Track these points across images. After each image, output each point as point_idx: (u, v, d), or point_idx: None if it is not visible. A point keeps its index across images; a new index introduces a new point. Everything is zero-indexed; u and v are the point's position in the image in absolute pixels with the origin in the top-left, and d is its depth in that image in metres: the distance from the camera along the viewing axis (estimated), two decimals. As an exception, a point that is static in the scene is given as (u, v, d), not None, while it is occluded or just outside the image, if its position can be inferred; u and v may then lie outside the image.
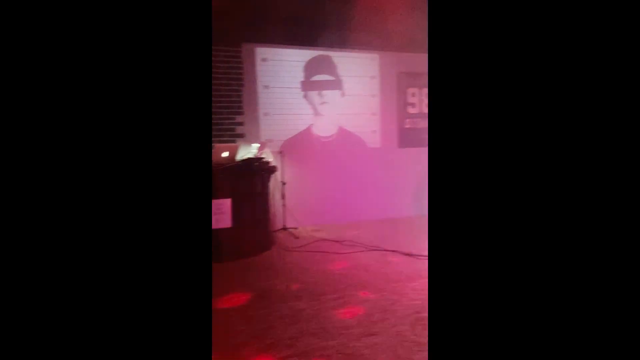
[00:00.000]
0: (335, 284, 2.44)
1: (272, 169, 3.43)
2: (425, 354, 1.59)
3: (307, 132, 4.22)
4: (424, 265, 2.75)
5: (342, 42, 4.12)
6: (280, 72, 4.05)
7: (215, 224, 2.89)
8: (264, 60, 3.99)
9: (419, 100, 4.65)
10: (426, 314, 1.95)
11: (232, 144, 3.54)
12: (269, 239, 3.40)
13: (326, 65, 4.24)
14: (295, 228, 3.96)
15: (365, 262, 2.87)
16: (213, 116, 3.70)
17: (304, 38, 4.01)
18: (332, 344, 1.69)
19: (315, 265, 2.83)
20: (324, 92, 4.24)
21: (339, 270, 2.72)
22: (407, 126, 4.61)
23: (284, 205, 3.95)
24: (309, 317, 1.98)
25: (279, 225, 3.95)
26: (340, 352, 1.63)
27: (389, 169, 4.53)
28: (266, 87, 4.01)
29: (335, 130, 4.33)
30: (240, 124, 3.88)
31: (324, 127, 4.29)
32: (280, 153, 3.97)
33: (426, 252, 3.03)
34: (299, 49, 4.10)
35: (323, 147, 4.29)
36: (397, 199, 4.60)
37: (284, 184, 3.93)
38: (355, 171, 4.41)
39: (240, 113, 3.89)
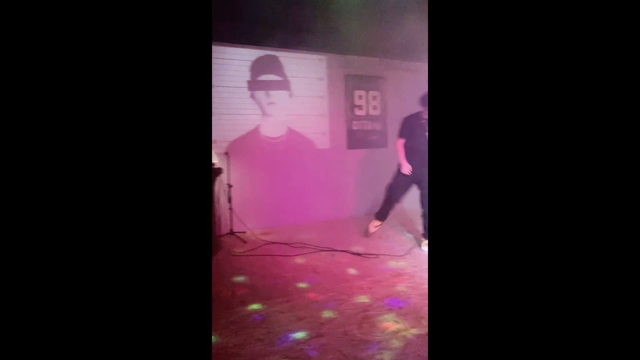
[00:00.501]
0: (284, 287, 2.39)
1: (218, 171, 3.29)
2: (371, 351, 1.60)
3: (255, 132, 4.13)
4: (371, 264, 2.80)
5: (289, 43, 4.09)
6: (225, 71, 3.91)
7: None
8: (208, 58, 3.83)
9: (366, 103, 4.75)
10: (372, 312, 1.97)
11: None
12: (215, 244, 3.26)
13: (273, 65, 4.18)
14: (243, 232, 3.85)
15: (314, 264, 2.85)
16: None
17: (250, 37, 3.92)
18: (279, 349, 1.64)
19: (263, 270, 2.76)
20: (272, 92, 4.18)
21: (287, 273, 2.67)
22: (355, 128, 4.69)
23: (230, 208, 3.81)
24: (256, 323, 1.91)
25: (225, 229, 3.80)
26: (287, 356, 1.58)
27: (338, 170, 4.57)
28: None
29: (284, 131, 4.29)
30: (183, 124, 3.69)
31: (272, 128, 4.22)
32: (226, 154, 3.84)
33: (373, 251, 3.09)
34: (245, 47, 4.00)
35: (271, 149, 4.22)
36: (346, 199, 4.65)
37: (230, 186, 3.80)
38: (305, 173, 4.39)
39: (183, 112, 3.70)
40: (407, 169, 3.11)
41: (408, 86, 5.04)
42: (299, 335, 1.76)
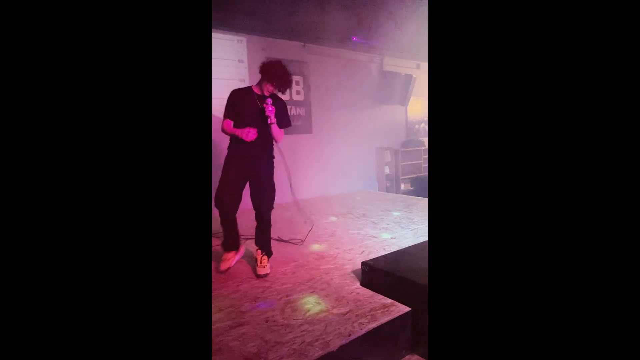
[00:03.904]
0: (204, 278, 2.28)
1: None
2: (294, 335, 1.60)
3: (170, 117, 3.83)
4: (295, 250, 2.81)
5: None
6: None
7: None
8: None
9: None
10: (296, 296, 1.98)
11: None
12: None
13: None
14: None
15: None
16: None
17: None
18: (197, 343, 1.56)
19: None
20: (188, 73, 3.90)
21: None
22: (279, 113, 4.62)
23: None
24: (171, 318, 1.79)
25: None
26: (205, 350, 1.51)
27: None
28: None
29: (203, 115, 4.05)
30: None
31: (190, 112, 3.96)
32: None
33: (297, 237, 3.10)
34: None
35: (189, 134, 3.96)
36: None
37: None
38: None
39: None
40: (252, 133, 2.35)
41: (331, 72, 5.10)
42: (219, 326, 1.69)
